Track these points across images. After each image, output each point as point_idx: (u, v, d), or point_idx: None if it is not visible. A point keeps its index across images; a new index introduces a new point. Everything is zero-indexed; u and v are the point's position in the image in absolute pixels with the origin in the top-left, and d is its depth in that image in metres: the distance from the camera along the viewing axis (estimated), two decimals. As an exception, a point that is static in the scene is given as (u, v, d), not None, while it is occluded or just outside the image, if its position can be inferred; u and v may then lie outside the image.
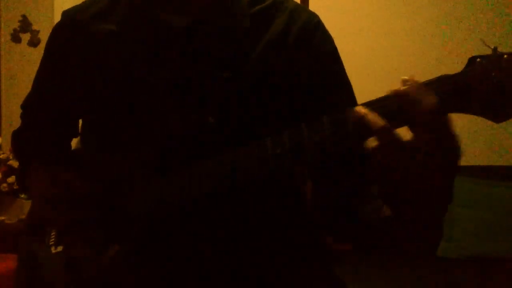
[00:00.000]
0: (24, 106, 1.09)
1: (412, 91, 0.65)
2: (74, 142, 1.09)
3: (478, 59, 0.66)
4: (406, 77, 0.66)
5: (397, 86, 0.67)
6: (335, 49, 0.95)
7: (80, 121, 1.04)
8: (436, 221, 0.73)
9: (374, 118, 0.66)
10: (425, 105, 0.63)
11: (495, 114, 0.66)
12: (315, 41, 0.92)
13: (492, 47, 0.66)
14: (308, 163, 0.73)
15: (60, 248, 0.94)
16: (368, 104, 0.68)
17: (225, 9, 0.92)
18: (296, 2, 0.97)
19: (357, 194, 0.87)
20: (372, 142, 0.66)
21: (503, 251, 2.62)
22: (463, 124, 0.69)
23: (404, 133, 0.67)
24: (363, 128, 0.67)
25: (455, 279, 2.44)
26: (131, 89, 0.90)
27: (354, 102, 0.94)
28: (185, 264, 0.89)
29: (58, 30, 1.01)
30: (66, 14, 1.00)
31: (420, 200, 0.68)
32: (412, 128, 0.66)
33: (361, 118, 0.67)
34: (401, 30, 3.18)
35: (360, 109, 0.68)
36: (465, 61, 0.68)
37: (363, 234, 0.89)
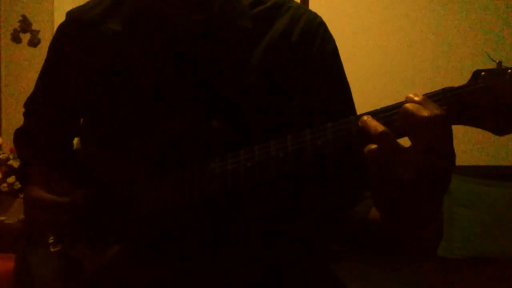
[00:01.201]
0: (27, 104, 1.09)
1: (415, 105, 0.65)
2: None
3: (483, 73, 0.67)
4: (411, 95, 0.67)
5: (396, 86, 0.68)
6: (336, 50, 0.95)
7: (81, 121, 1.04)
8: (421, 229, 0.74)
9: (375, 124, 0.67)
10: (426, 118, 0.64)
11: (497, 127, 0.66)
12: (317, 41, 0.92)
13: (497, 61, 0.67)
14: (309, 167, 0.74)
15: (58, 247, 0.94)
16: (372, 113, 0.69)
17: (228, 11, 0.92)
18: (298, 3, 0.97)
19: (351, 197, 0.87)
20: (370, 146, 0.66)
21: (503, 251, 2.62)
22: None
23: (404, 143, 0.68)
24: (365, 134, 0.67)
25: (455, 279, 2.44)
26: (135, 90, 0.90)
27: (351, 104, 0.95)
28: (185, 264, 0.89)
29: (62, 30, 1.01)
30: (70, 14, 1.01)
31: (409, 208, 0.69)
32: (411, 138, 0.66)
33: (364, 124, 0.68)
34: (402, 31, 3.18)
35: (363, 117, 0.69)
36: (470, 74, 0.68)
37: (350, 235, 0.90)
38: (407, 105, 0.66)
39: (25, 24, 3.33)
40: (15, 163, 2.90)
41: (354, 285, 2.25)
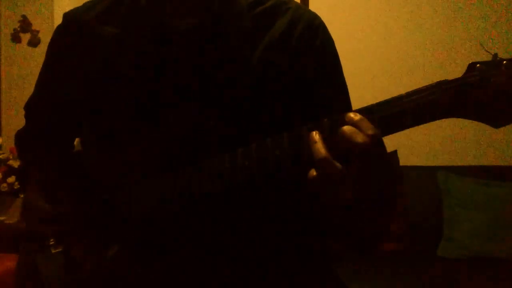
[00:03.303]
0: (27, 106, 1.09)
1: (351, 128, 0.69)
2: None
3: (478, 65, 0.67)
4: (351, 114, 0.70)
5: (395, 87, 0.69)
6: (335, 50, 0.95)
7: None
8: (370, 234, 0.80)
9: (319, 148, 0.70)
10: (361, 144, 0.68)
11: (494, 119, 0.67)
12: (317, 43, 0.92)
13: (493, 53, 0.67)
14: (273, 175, 0.77)
15: (60, 248, 0.94)
16: (318, 126, 0.73)
17: (227, 11, 0.92)
18: (298, 3, 0.97)
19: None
20: (312, 173, 0.70)
21: (503, 251, 2.62)
22: (463, 124, 0.70)
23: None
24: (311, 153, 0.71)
25: (455, 279, 2.44)
26: (134, 91, 0.90)
27: (348, 106, 0.95)
28: (185, 264, 0.89)
29: (60, 32, 1.01)
30: (67, 15, 1.00)
31: (357, 217, 0.75)
32: (350, 159, 0.69)
33: (311, 144, 0.71)
34: (401, 30, 3.18)
35: (314, 135, 0.72)
36: (465, 67, 0.68)
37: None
38: (345, 128, 0.69)
39: (25, 24, 3.33)
40: (15, 163, 2.91)
41: (354, 285, 2.26)
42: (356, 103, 0.96)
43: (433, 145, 3.07)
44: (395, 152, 2.78)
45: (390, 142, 0.71)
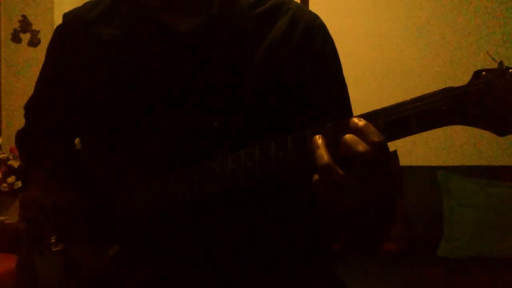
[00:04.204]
0: (27, 106, 1.10)
1: (354, 137, 0.69)
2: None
3: (484, 73, 0.67)
4: (355, 119, 0.70)
5: (395, 87, 0.69)
6: (336, 51, 0.96)
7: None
8: (371, 236, 0.82)
9: (322, 154, 0.70)
10: (363, 153, 0.68)
11: (499, 127, 0.67)
12: (317, 43, 0.93)
13: (498, 61, 0.67)
14: (275, 177, 0.77)
15: (60, 247, 0.94)
16: (321, 131, 0.73)
17: (228, 12, 0.92)
18: (298, 3, 0.97)
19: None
20: (315, 177, 0.71)
21: (503, 251, 2.62)
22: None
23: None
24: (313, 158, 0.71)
25: (455, 279, 2.44)
26: (135, 92, 0.90)
27: (348, 107, 0.95)
28: (186, 264, 0.89)
29: (60, 32, 1.01)
30: (67, 16, 1.00)
31: (359, 222, 0.77)
32: (352, 167, 0.70)
33: (314, 149, 0.71)
34: (403, 32, 3.18)
35: (317, 140, 0.72)
36: (470, 74, 0.68)
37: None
38: (347, 137, 0.69)
39: (25, 24, 3.33)
40: (15, 163, 2.91)
41: (354, 285, 2.25)
42: (356, 104, 0.97)
43: (433, 145, 3.07)
44: (395, 152, 2.78)
45: (390, 142, 0.71)
